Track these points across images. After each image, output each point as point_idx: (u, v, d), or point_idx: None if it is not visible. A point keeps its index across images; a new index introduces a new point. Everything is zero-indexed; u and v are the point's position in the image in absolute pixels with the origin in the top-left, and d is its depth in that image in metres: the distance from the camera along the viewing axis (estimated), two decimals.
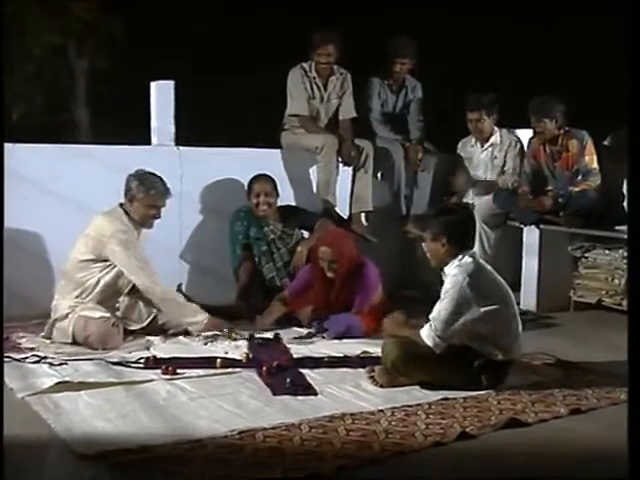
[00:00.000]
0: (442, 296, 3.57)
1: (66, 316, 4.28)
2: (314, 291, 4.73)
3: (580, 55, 11.37)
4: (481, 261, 3.80)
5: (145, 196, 4.39)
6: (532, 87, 6.29)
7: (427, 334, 3.53)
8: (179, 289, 4.64)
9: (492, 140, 5.90)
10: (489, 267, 3.78)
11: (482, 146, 5.94)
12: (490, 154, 5.92)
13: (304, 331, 4.60)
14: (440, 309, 3.53)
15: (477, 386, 3.54)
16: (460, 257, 3.61)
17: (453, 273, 3.58)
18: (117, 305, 4.42)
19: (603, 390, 3.62)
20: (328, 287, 4.69)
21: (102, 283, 4.33)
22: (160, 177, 4.48)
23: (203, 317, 4.36)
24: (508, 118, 5.95)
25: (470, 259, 3.62)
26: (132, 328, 4.40)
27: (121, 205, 4.44)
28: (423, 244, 3.79)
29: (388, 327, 3.90)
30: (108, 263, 4.33)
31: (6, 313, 3.30)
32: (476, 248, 5.48)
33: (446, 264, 3.65)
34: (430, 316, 3.57)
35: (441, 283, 3.67)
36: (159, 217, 4.48)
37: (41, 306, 4.50)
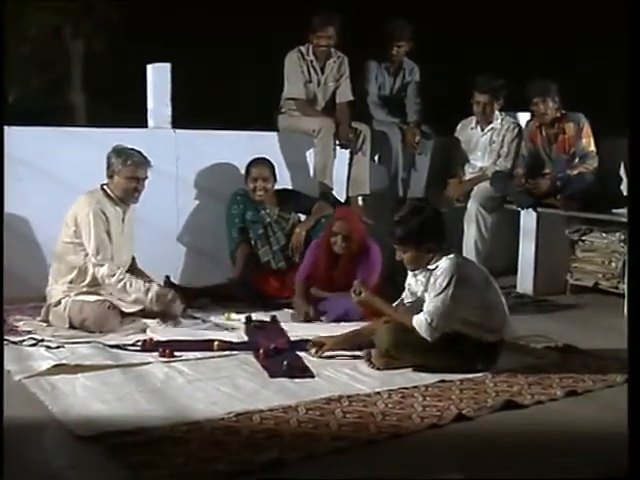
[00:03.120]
0: (436, 290, 3.54)
1: (60, 301, 4.29)
2: (317, 269, 4.72)
3: (577, 38, 11.34)
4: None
5: (123, 167, 4.38)
6: (528, 70, 6.25)
7: (424, 328, 3.53)
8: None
9: (493, 124, 5.88)
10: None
11: (482, 129, 5.92)
12: (489, 138, 5.91)
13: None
14: (437, 304, 3.51)
15: (470, 369, 3.55)
16: (447, 252, 3.62)
17: (445, 266, 3.56)
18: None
19: (599, 372, 3.63)
20: (333, 265, 4.68)
21: (91, 268, 4.32)
22: (139, 150, 4.47)
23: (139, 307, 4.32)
24: (506, 101, 5.92)
25: (453, 253, 3.65)
26: (129, 311, 4.39)
27: (102, 186, 4.44)
28: (402, 256, 3.68)
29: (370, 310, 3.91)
30: None
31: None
32: (473, 231, 5.52)
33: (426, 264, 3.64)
34: (425, 309, 3.55)
35: (404, 271, 3.74)
36: (142, 189, 4.45)
37: (37, 288, 4.49)
